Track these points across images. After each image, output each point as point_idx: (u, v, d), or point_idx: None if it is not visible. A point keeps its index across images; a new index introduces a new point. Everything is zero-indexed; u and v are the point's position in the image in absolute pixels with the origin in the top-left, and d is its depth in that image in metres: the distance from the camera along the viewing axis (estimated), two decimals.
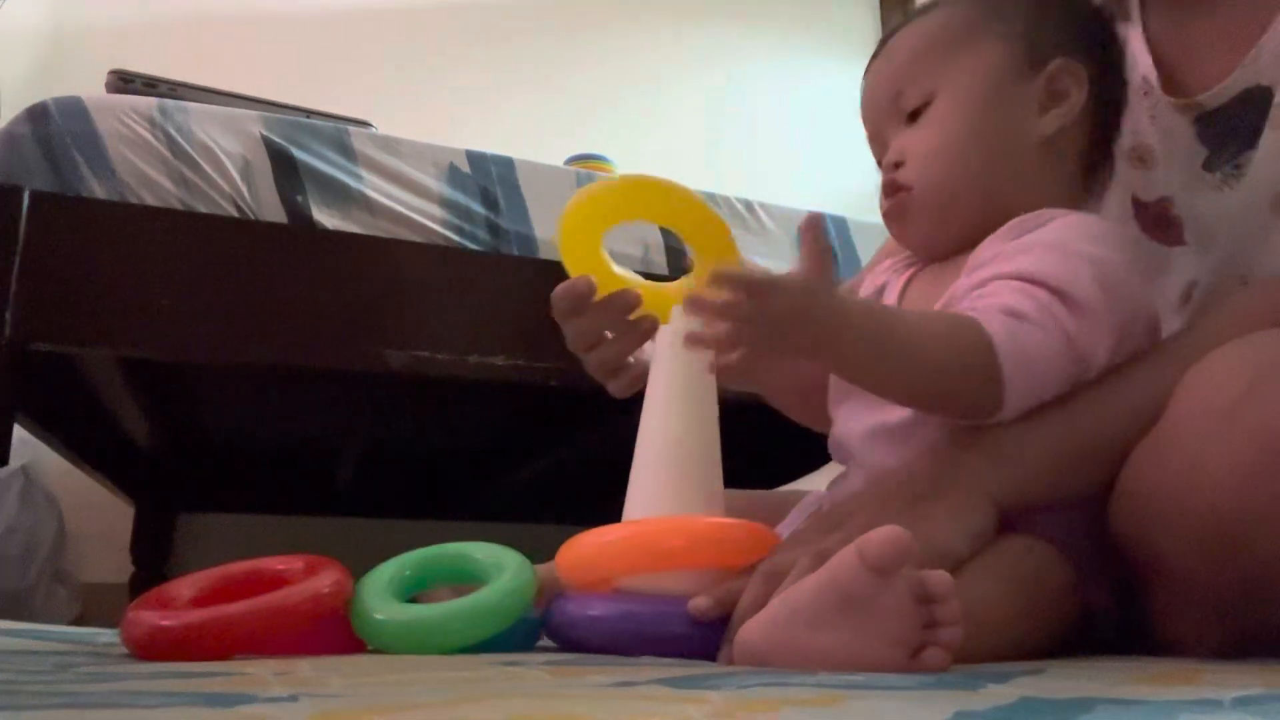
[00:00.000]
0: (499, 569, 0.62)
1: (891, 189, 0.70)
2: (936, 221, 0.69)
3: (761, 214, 1.45)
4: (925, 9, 0.74)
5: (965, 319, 0.59)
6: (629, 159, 1.95)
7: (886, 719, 0.31)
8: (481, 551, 0.65)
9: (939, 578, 0.46)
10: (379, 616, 0.59)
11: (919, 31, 0.72)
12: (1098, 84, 0.69)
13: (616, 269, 0.72)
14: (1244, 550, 0.52)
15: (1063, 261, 0.60)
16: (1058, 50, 0.68)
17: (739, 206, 1.41)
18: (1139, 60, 0.77)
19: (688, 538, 0.59)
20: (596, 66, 2.56)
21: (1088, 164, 0.71)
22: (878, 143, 0.73)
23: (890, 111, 0.71)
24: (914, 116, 0.69)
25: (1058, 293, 0.59)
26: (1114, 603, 0.65)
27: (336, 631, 0.60)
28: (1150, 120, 0.76)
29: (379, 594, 0.61)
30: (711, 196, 1.41)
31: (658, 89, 2.60)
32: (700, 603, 0.56)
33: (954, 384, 0.58)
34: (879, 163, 0.73)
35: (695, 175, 1.58)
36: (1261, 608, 0.54)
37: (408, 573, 0.65)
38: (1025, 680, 0.43)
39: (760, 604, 0.54)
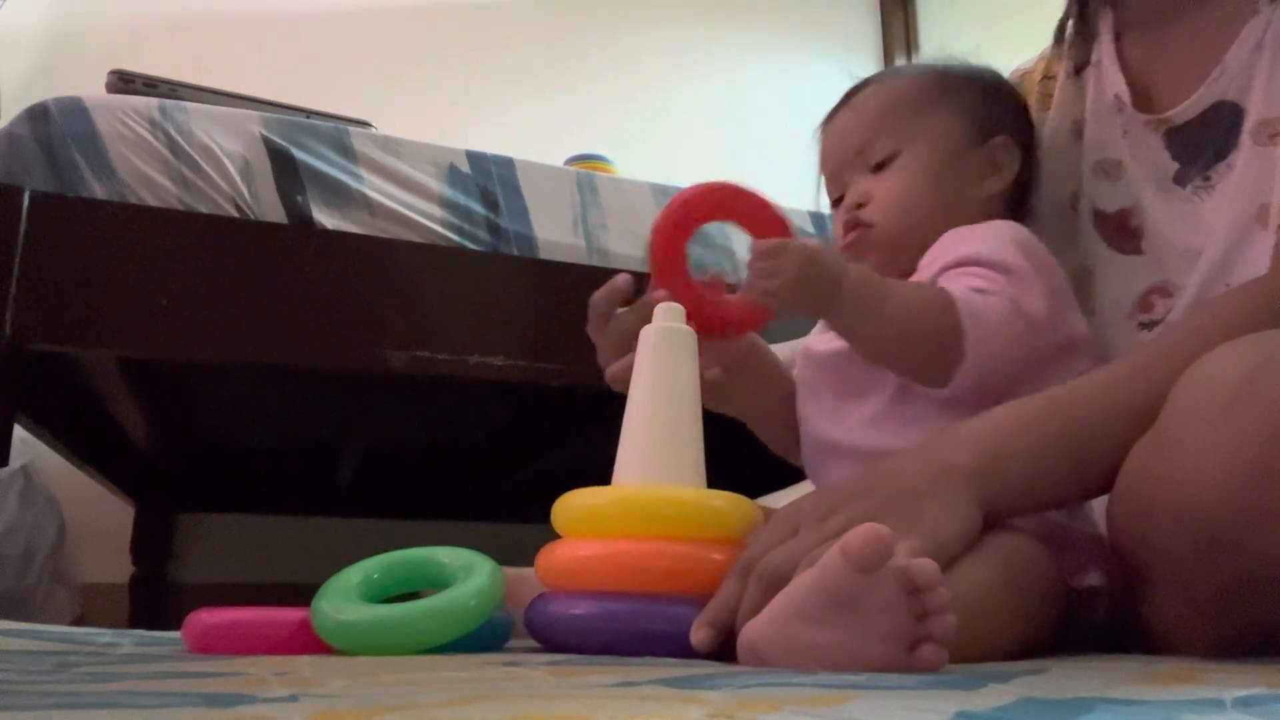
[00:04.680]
0: (466, 572, 0.62)
1: (853, 225, 0.79)
2: (891, 257, 0.77)
3: None
4: (887, 75, 0.86)
5: (934, 287, 0.69)
6: (629, 159, 1.95)
7: (887, 719, 0.31)
8: (448, 555, 0.66)
9: (924, 566, 0.46)
10: (341, 617, 0.59)
11: (885, 94, 0.82)
12: (1026, 157, 0.81)
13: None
14: (1241, 550, 0.52)
15: (992, 241, 0.72)
16: (999, 128, 0.80)
17: None
18: (1111, 80, 0.84)
19: (670, 560, 0.58)
20: (597, 67, 2.56)
21: (1014, 215, 0.82)
22: (835, 183, 0.83)
23: (853, 160, 0.81)
24: (879, 167, 0.79)
25: (993, 264, 0.69)
26: (1103, 582, 0.66)
27: None
28: (1122, 136, 0.83)
29: (342, 596, 0.61)
30: None
31: (658, 89, 2.60)
32: (701, 634, 0.55)
33: (925, 332, 0.67)
34: (833, 201, 0.84)
35: (695, 175, 1.59)
36: (1257, 607, 0.54)
37: (375, 576, 0.65)
38: (1026, 680, 0.43)
39: (760, 609, 0.54)
